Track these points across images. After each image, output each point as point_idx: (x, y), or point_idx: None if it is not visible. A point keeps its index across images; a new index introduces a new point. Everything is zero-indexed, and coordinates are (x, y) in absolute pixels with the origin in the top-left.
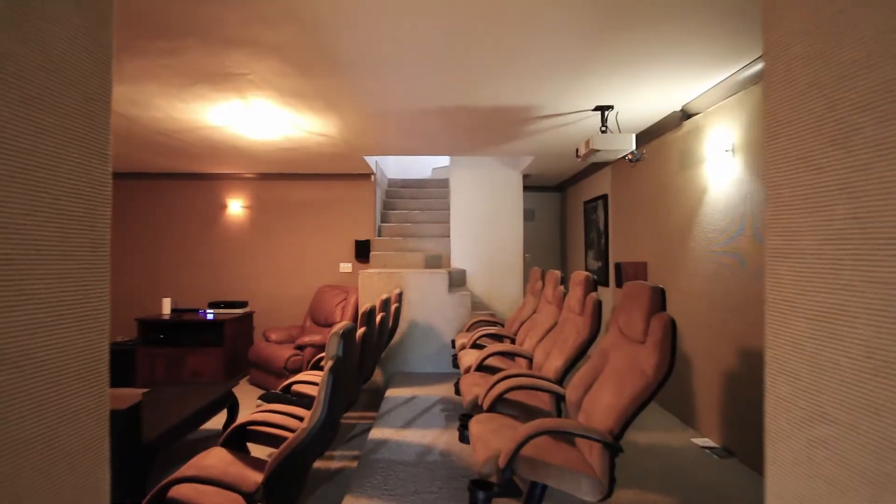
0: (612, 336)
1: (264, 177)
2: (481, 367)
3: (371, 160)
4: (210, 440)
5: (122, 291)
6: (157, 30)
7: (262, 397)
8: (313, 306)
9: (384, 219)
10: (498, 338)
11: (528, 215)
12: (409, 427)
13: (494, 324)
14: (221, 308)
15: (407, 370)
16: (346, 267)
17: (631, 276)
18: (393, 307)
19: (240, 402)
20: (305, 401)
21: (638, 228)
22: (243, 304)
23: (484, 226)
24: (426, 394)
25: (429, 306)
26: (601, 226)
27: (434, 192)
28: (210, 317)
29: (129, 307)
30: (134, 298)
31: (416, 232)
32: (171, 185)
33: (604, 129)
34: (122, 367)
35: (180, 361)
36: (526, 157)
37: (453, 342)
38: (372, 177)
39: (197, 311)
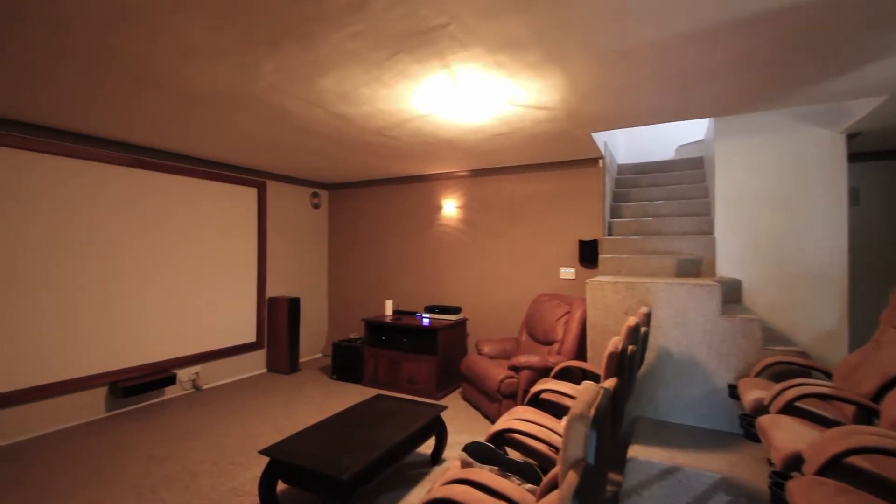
0: None
1: (477, 173)
2: (833, 466)
3: (599, 140)
4: (415, 467)
5: (355, 292)
6: None
7: (466, 449)
8: (529, 317)
9: (615, 213)
10: (823, 398)
11: (849, 198)
12: None
13: (808, 370)
14: (436, 313)
15: (656, 416)
16: (567, 272)
17: None
18: (642, 331)
19: (452, 419)
20: (525, 469)
21: None
22: (457, 310)
23: (772, 217)
24: (694, 465)
25: (689, 332)
26: None
27: (681, 176)
28: (426, 322)
29: (360, 307)
30: (364, 299)
31: (660, 228)
32: (393, 189)
33: None
34: (353, 363)
35: (398, 365)
36: (863, 102)
37: (732, 388)
38: (600, 161)
39: (415, 314)
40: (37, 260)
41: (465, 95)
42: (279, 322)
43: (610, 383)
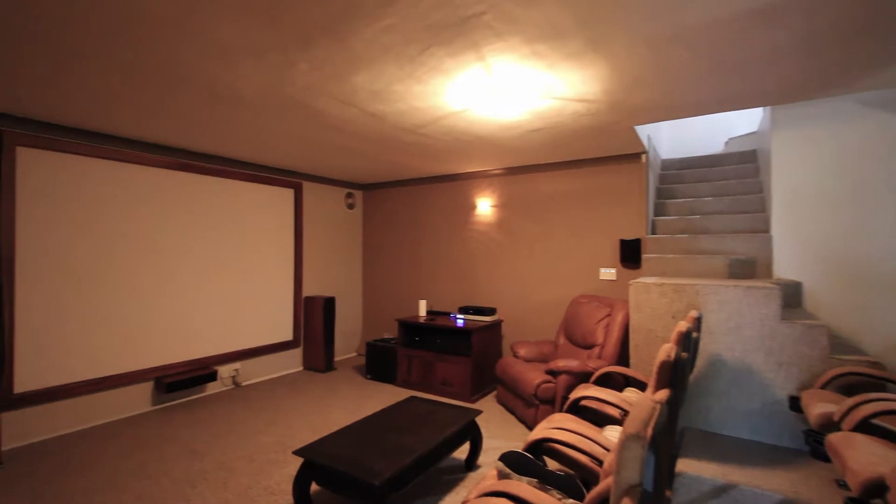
0: None
1: (513, 171)
2: None
3: (642, 134)
4: (449, 473)
5: (389, 292)
6: None
7: (503, 458)
8: (568, 320)
9: (659, 211)
10: None
11: None
12: None
13: (884, 382)
14: (471, 314)
15: (707, 428)
16: (607, 273)
17: None
18: (693, 337)
19: (487, 423)
20: (566, 482)
21: None
22: (492, 311)
23: (837, 213)
24: (752, 483)
25: (744, 338)
26: None
27: (732, 170)
28: (460, 323)
29: (394, 307)
30: (398, 298)
31: (709, 227)
32: (427, 189)
33: None
34: (387, 363)
35: (432, 367)
36: None
37: (793, 400)
38: (643, 156)
39: (449, 314)
40: (89, 260)
41: (500, 90)
42: (315, 321)
43: (663, 395)
